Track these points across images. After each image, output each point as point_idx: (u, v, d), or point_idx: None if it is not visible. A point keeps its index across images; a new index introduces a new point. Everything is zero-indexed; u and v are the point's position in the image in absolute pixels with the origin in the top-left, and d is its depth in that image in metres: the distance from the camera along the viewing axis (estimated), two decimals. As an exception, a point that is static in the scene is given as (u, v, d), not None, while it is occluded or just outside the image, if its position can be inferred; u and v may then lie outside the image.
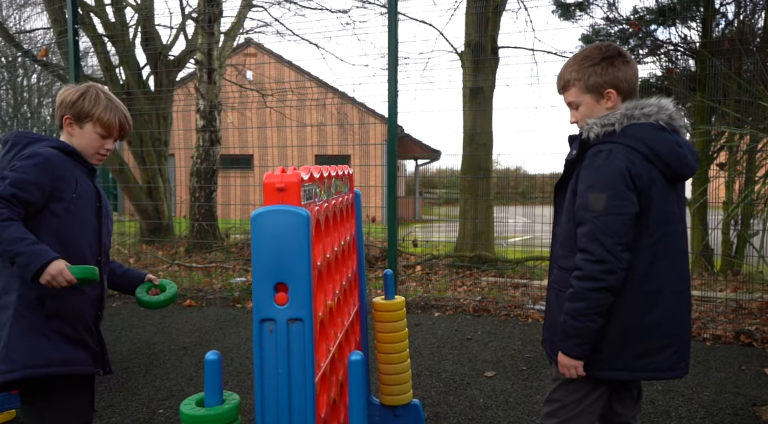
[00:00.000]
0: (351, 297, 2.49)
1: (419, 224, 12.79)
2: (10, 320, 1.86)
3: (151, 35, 9.72)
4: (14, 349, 1.84)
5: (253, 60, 16.23)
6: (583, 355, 1.78)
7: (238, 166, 18.65)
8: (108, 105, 2.05)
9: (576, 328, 1.75)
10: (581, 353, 1.78)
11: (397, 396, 2.67)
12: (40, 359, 1.86)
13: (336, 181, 2.24)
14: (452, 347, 4.17)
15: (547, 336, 1.97)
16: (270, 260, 1.51)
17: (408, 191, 25.54)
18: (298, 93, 11.24)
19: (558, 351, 1.83)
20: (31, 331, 1.87)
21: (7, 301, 1.89)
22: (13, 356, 1.84)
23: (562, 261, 1.87)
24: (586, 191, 1.75)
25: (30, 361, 1.85)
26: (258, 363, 1.53)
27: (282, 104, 10.72)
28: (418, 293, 5.70)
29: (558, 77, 1.96)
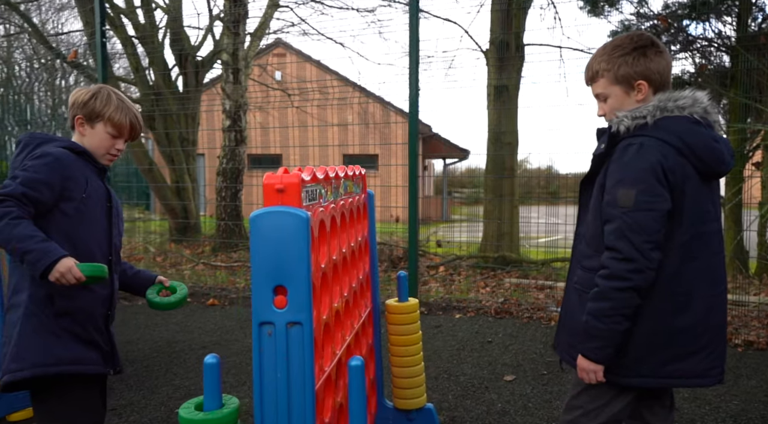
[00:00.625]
0: (362, 299, 2.46)
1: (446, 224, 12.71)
2: (21, 318, 1.88)
3: (179, 36, 9.84)
4: (25, 347, 1.86)
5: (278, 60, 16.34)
6: (605, 359, 1.70)
7: (266, 166, 18.78)
8: (119, 105, 2.07)
9: (599, 329, 1.67)
10: (603, 357, 1.70)
11: (411, 400, 2.62)
12: (50, 357, 1.87)
13: (346, 182, 2.20)
14: (472, 350, 4.11)
15: (565, 340, 1.88)
16: (269, 262, 1.49)
17: (437, 191, 25.43)
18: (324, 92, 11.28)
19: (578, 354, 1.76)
20: (42, 330, 1.88)
21: (18, 299, 1.90)
22: (24, 355, 1.85)
23: (588, 261, 1.79)
24: (615, 186, 1.67)
25: (40, 360, 1.86)
26: (257, 367, 1.51)
27: (307, 104, 10.75)
28: (440, 294, 5.64)
29: (586, 68, 1.88)
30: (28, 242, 1.74)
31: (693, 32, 7.79)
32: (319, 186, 1.76)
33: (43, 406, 1.94)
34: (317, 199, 1.74)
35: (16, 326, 1.88)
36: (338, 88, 11.81)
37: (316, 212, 1.71)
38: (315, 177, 1.70)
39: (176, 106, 9.60)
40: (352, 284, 2.24)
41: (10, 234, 1.74)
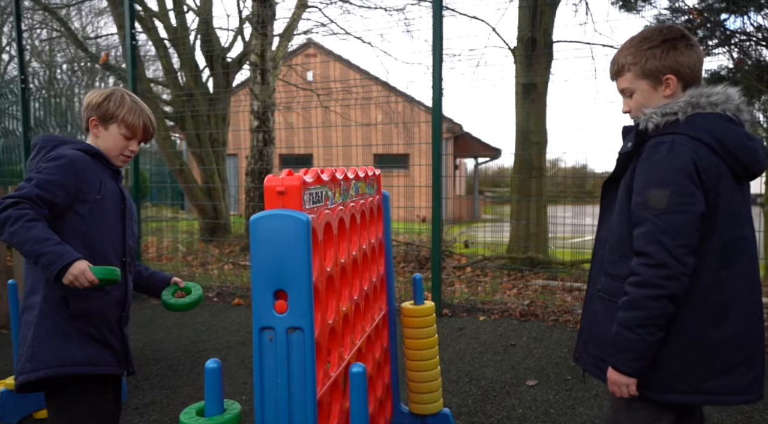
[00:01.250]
0: (376, 302, 2.42)
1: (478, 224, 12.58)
2: (36, 319, 1.90)
3: (210, 38, 9.95)
4: (39, 348, 1.88)
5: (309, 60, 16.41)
6: (637, 371, 1.60)
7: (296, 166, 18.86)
8: (132, 107, 2.08)
9: (631, 340, 1.57)
10: (635, 370, 1.59)
11: (427, 405, 2.58)
12: (63, 358, 1.89)
13: (357, 183, 2.17)
14: (495, 353, 4.03)
15: (591, 352, 1.76)
16: (269, 266, 1.47)
17: (468, 190, 25.24)
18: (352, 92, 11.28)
19: (607, 367, 1.65)
20: (56, 331, 1.89)
21: (33, 301, 1.93)
22: (38, 356, 1.87)
23: (613, 268, 1.69)
24: (645, 187, 1.57)
25: (54, 361, 1.88)
26: (257, 373, 1.48)
27: (335, 104, 10.77)
28: (464, 296, 5.57)
29: (612, 61, 1.78)
30: (42, 245, 1.76)
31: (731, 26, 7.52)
32: (324, 188, 1.73)
33: (56, 406, 1.96)
34: (323, 201, 1.72)
35: (31, 327, 1.90)
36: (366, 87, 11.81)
37: (321, 215, 1.68)
38: (319, 179, 1.67)
39: (206, 107, 9.71)
40: (364, 287, 2.20)
41: (25, 236, 1.76)
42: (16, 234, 1.76)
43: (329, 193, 1.79)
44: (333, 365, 1.80)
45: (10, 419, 3.17)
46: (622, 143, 1.72)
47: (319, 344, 1.64)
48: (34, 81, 10.64)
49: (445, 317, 4.94)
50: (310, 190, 1.61)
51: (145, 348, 4.40)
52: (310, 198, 1.61)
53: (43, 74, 11.81)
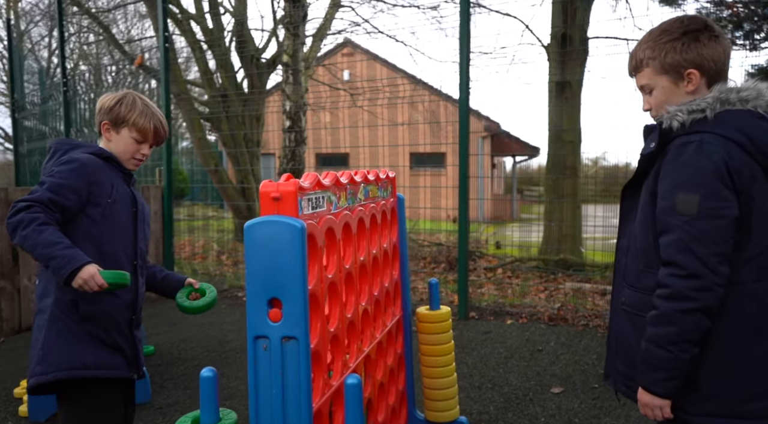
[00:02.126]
0: (389, 307, 2.38)
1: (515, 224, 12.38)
2: (47, 323, 1.92)
3: (244, 39, 10.04)
4: (49, 351, 1.90)
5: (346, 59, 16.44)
6: (671, 392, 1.48)
7: (333, 166, 18.99)
8: (144, 110, 2.09)
9: (662, 359, 1.45)
10: (668, 390, 1.48)
11: (442, 412, 2.52)
12: (74, 362, 1.90)
13: (367, 187, 2.13)
14: (520, 358, 3.94)
15: (620, 369, 1.65)
16: (263, 274, 1.44)
17: (507, 189, 24.94)
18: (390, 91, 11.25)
19: (638, 387, 1.53)
20: (66, 334, 1.91)
21: (45, 304, 1.95)
22: (49, 359, 1.89)
23: (637, 279, 1.58)
24: (672, 191, 1.46)
25: (64, 364, 1.89)
26: (252, 382, 1.46)
27: (370, 103, 10.76)
28: (492, 298, 5.47)
29: (630, 56, 1.67)
30: (52, 249, 1.77)
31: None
32: (327, 193, 1.70)
33: (66, 408, 1.98)
34: (324, 206, 1.68)
35: (42, 330, 1.92)
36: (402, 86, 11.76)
37: (321, 220, 1.64)
38: (319, 184, 1.64)
39: (241, 107, 9.81)
40: (374, 292, 2.16)
41: (36, 240, 1.77)
42: (28, 238, 1.78)
43: (332, 197, 1.75)
44: (336, 373, 1.76)
45: (39, 417, 3.24)
46: (644, 144, 1.61)
47: (318, 353, 1.61)
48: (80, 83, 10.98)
49: (471, 320, 4.86)
50: (309, 196, 1.57)
51: (173, 348, 4.45)
52: (309, 204, 1.57)
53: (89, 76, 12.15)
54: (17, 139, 9.84)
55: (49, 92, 9.17)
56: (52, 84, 9.55)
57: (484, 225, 12.61)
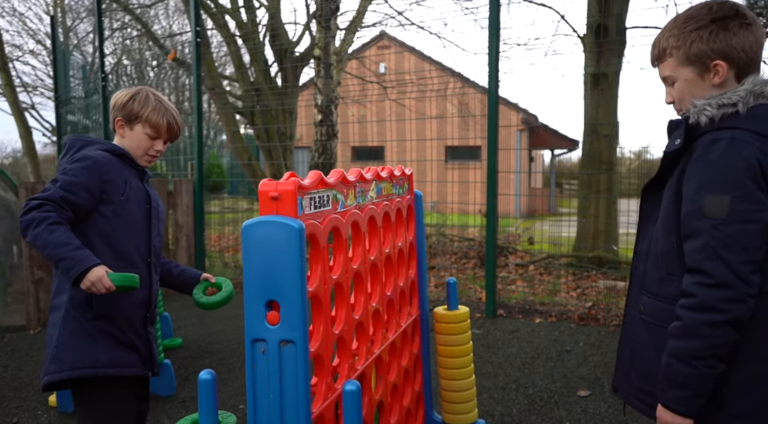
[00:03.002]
0: (405, 307, 2.32)
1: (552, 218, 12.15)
2: (61, 321, 1.92)
3: (278, 32, 10.07)
4: (63, 350, 1.90)
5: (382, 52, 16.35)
6: (694, 411, 1.37)
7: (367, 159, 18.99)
8: (157, 106, 2.07)
9: (686, 375, 1.34)
10: (691, 409, 1.36)
11: (460, 415, 2.45)
12: (87, 360, 1.90)
13: (380, 184, 2.07)
14: (547, 359, 3.83)
15: (634, 384, 1.55)
16: (260, 275, 1.40)
17: (546, 183, 24.54)
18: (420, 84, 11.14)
19: (656, 403, 1.42)
20: (80, 332, 1.91)
21: (59, 301, 1.96)
22: (62, 357, 1.90)
23: (658, 286, 1.48)
24: (700, 192, 1.35)
25: (77, 362, 1.89)
26: (250, 386, 1.42)
27: (403, 97, 10.67)
28: (521, 296, 5.35)
29: (653, 45, 1.55)
30: (62, 249, 1.77)
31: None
32: (332, 191, 1.65)
33: (81, 405, 1.99)
34: (329, 205, 1.63)
35: (56, 327, 1.93)
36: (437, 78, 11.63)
37: (325, 220, 1.60)
38: (323, 182, 1.59)
39: (275, 101, 9.85)
40: (387, 292, 2.11)
41: (47, 240, 1.78)
42: (39, 237, 1.78)
43: (338, 196, 1.70)
44: (342, 376, 1.72)
45: (67, 408, 3.29)
46: (668, 140, 1.50)
47: (321, 356, 1.57)
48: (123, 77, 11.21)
49: (499, 317, 4.76)
50: (311, 195, 1.52)
51: (201, 341, 4.49)
52: (311, 203, 1.53)
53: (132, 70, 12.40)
54: (60, 132, 10.10)
55: (93, 87, 9.38)
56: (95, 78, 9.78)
57: (519, 220, 12.42)
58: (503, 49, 6.40)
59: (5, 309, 5.20)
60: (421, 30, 10.12)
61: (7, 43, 18.38)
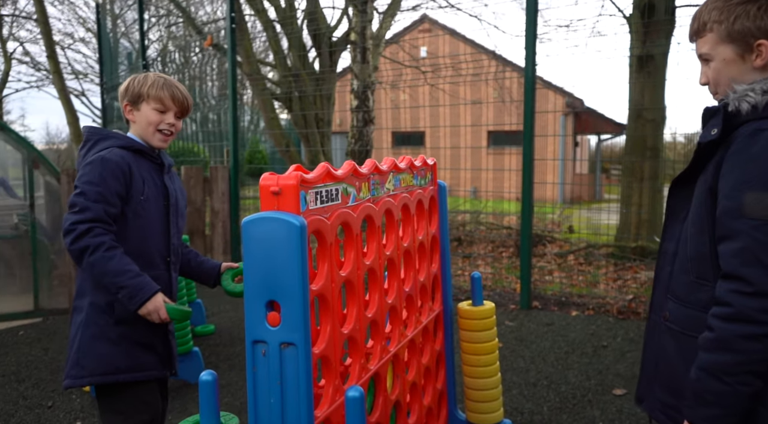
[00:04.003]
0: (426, 302, 2.24)
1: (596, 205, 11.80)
2: (82, 325, 1.91)
3: (316, 16, 10.00)
4: (84, 355, 1.89)
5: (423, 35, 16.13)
6: None
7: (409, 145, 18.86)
8: (156, 81, 2.01)
9: (717, 392, 1.22)
10: None
11: (484, 415, 2.36)
12: (108, 366, 1.89)
13: (399, 175, 1.98)
14: (582, 354, 3.69)
15: (658, 396, 1.43)
16: (260, 274, 1.33)
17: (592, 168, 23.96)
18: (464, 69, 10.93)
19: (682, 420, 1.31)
20: (100, 337, 1.90)
21: (81, 304, 1.94)
22: (83, 362, 1.89)
23: (687, 292, 1.35)
24: (740, 189, 1.23)
25: (99, 368, 1.89)
26: (251, 389, 1.37)
27: (444, 80, 10.49)
28: (558, 287, 5.19)
29: (693, 17, 1.42)
30: (121, 278, 1.80)
31: None
32: (341, 185, 1.57)
33: (103, 404, 1.97)
34: (338, 199, 1.55)
35: (78, 330, 1.91)
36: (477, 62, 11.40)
37: (333, 215, 1.52)
38: (330, 175, 1.51)
39: (312, 87, 9.81)
40: (405, 288, 2.03)
41: (105, 268, 1.80)
42: (97, 265, 1.79)
43: (349, 189, 1.62)
44: (353, 377, 1.65)
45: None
46: (703, 129, 1.36)
47: (328, 357, 1.50)
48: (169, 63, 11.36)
49: (534, 309, 4.63)
50: (318, 189, 1.45)
51: (233, 327, 4.51)
52: (318, 197, 1.45)
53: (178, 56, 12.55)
54: (106, 119, 10.30)
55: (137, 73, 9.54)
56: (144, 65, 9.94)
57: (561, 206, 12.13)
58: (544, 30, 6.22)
59: (50, 292, 5.33)
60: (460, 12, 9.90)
61: (60, 32, 18.89)
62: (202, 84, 11.28)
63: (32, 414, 3.15)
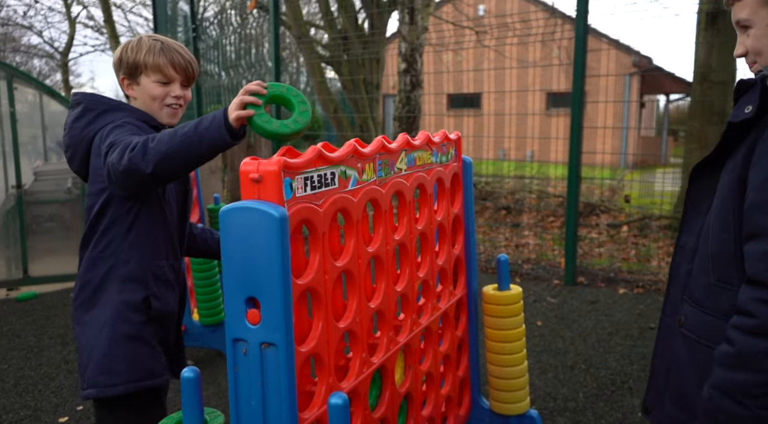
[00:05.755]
0: (447, 287, 2.10)
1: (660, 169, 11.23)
2: (110, 324, 1.61)
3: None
4: (116, 358, 1.61)
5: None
6: None
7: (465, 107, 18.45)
8: (151, 46, 1.70)
9: (733, 415, 1.05)
10: None
11: (508, 405, 2.24)
12: (144, 371, 1.64)
13: (414, 153, 1.83)
14: (626, 336, 3.48)
15: (669, 410, 1.27)
16: (239, 269, 1.23)
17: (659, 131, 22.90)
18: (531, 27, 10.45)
19: None
20: (134, 339, 1.64)
21: (98, 298, 1.64)
22: (116, 367, 1.61)
23: (706, 295, 1.18)
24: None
25: (134, 374, 1.63)
26: (232, 389, 1.28)
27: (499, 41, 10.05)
28: (606, 262, 4.93)
29: None
30: (185, 129, 1.44)
31: None
32: (338, 167, 1.44)
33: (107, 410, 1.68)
34: (334, 183, 1.42)
35: (103, 331, 1.62)
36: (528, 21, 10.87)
37: (328, 201, 1.40)
38: (322, 158, 1.37)
39: (361, 50, 9.61)
40: (419, 274, 1.90)
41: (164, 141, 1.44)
42: (162, 143, 1.43)
43: (349, 171, 1.49)
44: (352, 372, 1.55)
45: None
46: (735, 107, 1.17)
47: (320, 355, 1.40)
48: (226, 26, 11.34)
49: (578, 286, 4.41)
50: (307, 174, 1.32)
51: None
52: (307, 183, 1.33)
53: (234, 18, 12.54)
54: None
55: (186, 38, 9.56)
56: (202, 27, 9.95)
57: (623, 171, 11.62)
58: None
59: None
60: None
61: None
62: (259, 46, 11.23)
63: (71, 378, 3.23)
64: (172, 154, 1.43)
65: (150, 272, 1.65)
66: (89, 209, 1.67)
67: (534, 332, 3.55)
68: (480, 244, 5.84)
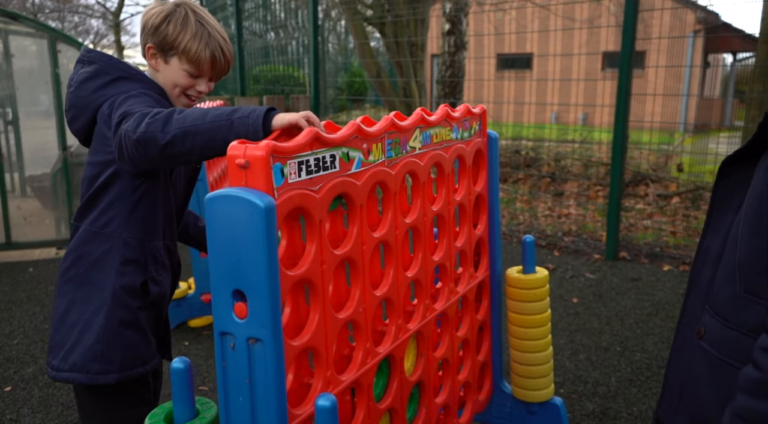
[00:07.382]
0: (466, 270, 2.00)
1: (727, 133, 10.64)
2: (106, 308, 1.54)
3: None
4: (111, 345, 1.54)
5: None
6: None
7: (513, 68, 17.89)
8: (198, 32, 1.57)
9: None
10: None
11: (531, 391, 2.15)
12: (136, 359, 1.59)
13: (430, 130, 1.72)
14: (666, 318, 3.31)
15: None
16: (225, 260, 1.16)
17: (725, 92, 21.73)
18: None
19: None
20: (129, 326, 1.57)
21: (95, 280, 1.56)
22: (110, 355, 1.54)
23: (730, 307, 1.02)
24: None
25: (128, 362, 1.57)
26: (221, 384, 1.23)
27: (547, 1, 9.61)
28: (653, 236, 4.68)
29: None
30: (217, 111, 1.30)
31: None
32: (339, 149, 1.34)
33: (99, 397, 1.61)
34: (335, 166, 1.33)
35: (97, 314, 1.54)
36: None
37: (326, 186, 1.31)
38: (321, 140, 1.27)
39: (406, 9, 9.32)
40: (435, 258, 1.80)
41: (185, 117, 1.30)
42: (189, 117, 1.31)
43: (352, 153, 1.39)
44: (354, 364, 1.48)
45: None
46: None
47: (317, 348, 1.33)
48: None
49: (620, 261, 4.22)
50: (302, 158, 1.23)
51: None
52: (303, 167, 1.23)
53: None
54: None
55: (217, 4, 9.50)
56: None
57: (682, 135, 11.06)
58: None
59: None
60: None
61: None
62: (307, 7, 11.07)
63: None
64: (195, 132, 1.30)
65: (150, 254, 1.60)
66: (90, 180, 1.57)
67: (569, 310, 3.41)
68: (520, 214, 5.67)
